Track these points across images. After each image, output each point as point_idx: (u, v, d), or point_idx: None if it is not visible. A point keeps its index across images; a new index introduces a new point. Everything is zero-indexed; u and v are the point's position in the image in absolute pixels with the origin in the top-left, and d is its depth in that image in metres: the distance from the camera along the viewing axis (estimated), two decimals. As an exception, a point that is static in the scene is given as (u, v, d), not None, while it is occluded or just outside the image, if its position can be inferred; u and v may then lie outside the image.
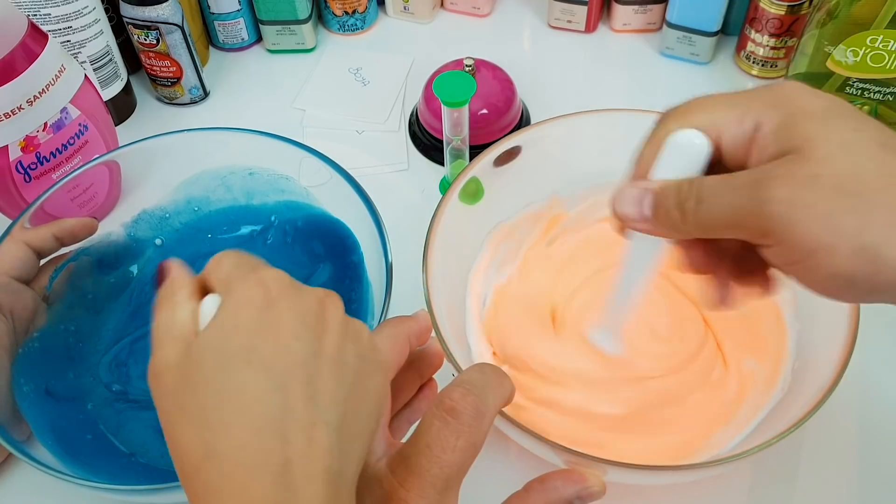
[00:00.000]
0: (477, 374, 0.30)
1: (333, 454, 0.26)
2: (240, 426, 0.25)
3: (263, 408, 0.25)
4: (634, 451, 0.44)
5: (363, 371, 0.28)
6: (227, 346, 0.26)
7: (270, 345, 0.26)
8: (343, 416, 0.27)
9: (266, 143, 0.50)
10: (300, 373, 0.26)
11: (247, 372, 0.25)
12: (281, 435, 0.25)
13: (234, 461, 0.24)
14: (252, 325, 0.26)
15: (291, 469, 0.24)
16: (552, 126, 0.52)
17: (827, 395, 0.39)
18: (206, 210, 0.54)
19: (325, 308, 0.28)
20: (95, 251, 0.51)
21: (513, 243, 0.54)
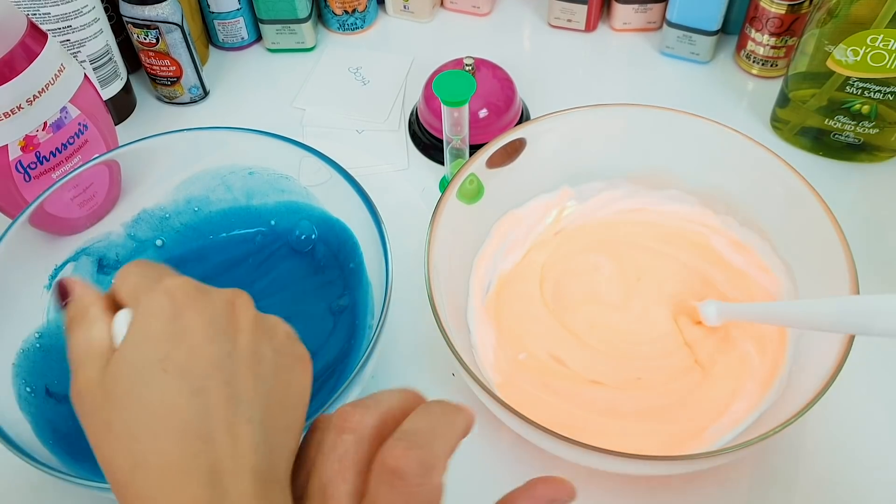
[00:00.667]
0: (422, 420, 0.28)
1: (260, 450, 0.26)
2: (163, 434, 0.25)
3: (184, 413, 0.25)
4: (630, 442, 0.44)
5: (282, 365, 0.29)
6: (142, 358, 0.26)
7: (184, 351, 0.26)
8: (266, 411, 0.27)
9: (266, 142, 0.50)
10: (217, 374, 0.26)
11: (164, 380, 0.26)
12: (205, 437, 0.25)
13: (162, 468, 0.25)
14: (163, 334, 0.26)
15: (219, 469, 0.25)
16: (553, 121, 0.52)
17: (825, 391, 0.39)
18: (207, 210, 0.54)
19: (234, 308, 0.28)
20: (95, 251, 0.51)
21: (521, 231, 0.54)
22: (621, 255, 0.53)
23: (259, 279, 0.52)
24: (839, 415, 0.46)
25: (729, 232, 0.53)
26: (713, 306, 0.48)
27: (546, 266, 0.53)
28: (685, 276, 0.52)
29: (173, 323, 0.27)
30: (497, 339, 0.49)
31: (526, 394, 0.47)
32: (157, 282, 0.28)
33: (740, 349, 0.48)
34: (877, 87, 0.55)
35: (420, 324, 0.51)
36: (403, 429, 0.28)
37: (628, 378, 0.47)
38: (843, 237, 0.45)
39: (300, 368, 0.30)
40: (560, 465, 0.44)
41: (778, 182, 0.49)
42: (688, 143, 0.52)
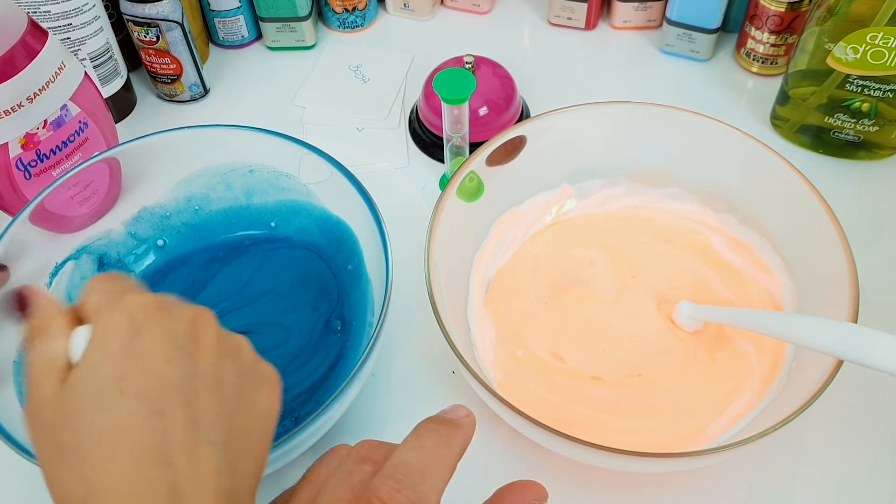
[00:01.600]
0: (413, 454, 0.27)
1: (223, 473, 0.25)
2: (119, 458, 0.24)
3: (141, 436, 0.24)
4: (629, 439, 0.44)
5: (246, 386, 0.28)
6: (97, 378, 0.25)
7: (141, 371, 0.25)
8: (228, 433, 0.26)
9: (266, 140, 0.50)
10: (176, 396, 0.25)
11: (120, 402, 0.25)
12: (163, 460, 0.24)
13: (117, 494, 0.24)
14: (120, 353, 0.25)
15: (180, 492, 0.24)
16: (553, 118, 0.52)
17: (824, 388, 0.39)
18: (207, 210, 0.54)
19: (197, 328, 0.27)
20: (96, 249, 0.51)
21: (520, 229, 0.54)
22: (617, 250, 0.53)
23: (258, 278, 0.52)
24: (839, 412, 0.46)
25: (728, 230, 0.54)
26: (687, 307, 0.48)
27: (541, 260, 0.53)
28: (680, 274, 0.52)
29: (131, 342, 0.26)
30: (497, 336, 0.49)
31: (526, 391, 0.47)
32: (118, 298, 0.27)
33: (739, 347, 0.48)
34: (876, 84, 0.55)
35: (420, 322, 0.51)
36: (393, 463, 0.27)
37: (628, 375, 0.47)
38: (843, 235, 0.45)
39: (266, 390, 0.29)
40: (560, 462, 0.45)
41: (778, 180, 0.49)
42: (688, 140, 0.52)
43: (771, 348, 0.47)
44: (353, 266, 0.50)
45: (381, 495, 0.25)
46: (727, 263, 0.52)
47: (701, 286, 0.51)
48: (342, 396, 0.39)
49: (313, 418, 0.38)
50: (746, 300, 0.50)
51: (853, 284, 0.43)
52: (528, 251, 0.54)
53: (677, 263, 0.52)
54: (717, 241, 0.53)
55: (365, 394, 0.48)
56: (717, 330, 0.49)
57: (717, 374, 0.47)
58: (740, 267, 0.52)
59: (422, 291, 0.44)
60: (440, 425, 0.28)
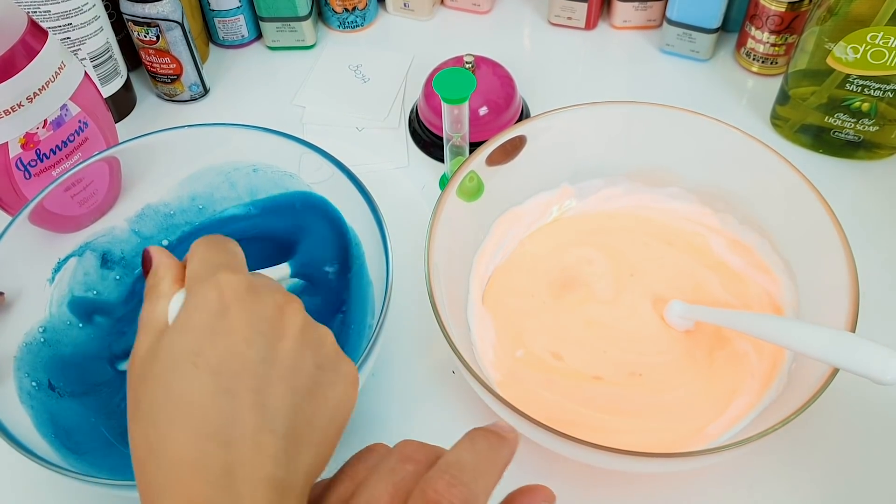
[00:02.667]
0: (467, 454, 0.27)
1: (280, 462, 0.25)
2: (182, 427, 0.25)
3: (206, 411, 0.25)
4: (630, 439, 0.44)
5: (321, 380, 0.28)
6: (176, 347, 0.26)
7: (219, 349, 0.26)
8: (293, 424, 0.26)
9: (267, 139, 0.50)
10: (249, 379, 0.26)
11: (193, 374, 0.25)
12: (224, 439, 0.25)
13: (175, 460, 0.24)
14: (203, 328, 0.26)
15: (234, 473, 0.24)
16: (553, 118, 0.52)
17: (824, 388, 0.39)
18: (211, 207, 0.54)
19: (283, 314, 0.28)
20: (99, 246, 0.51)
21: (520, 229, 0.54)
22: (616, 250, 0.53)
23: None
24: (839, 412, 0.46)
25: (728, 230, 0.53)
26: (678, 306, 0.48)
27: (540, 258, 0.53)
28: (679, 275, 0.52)
29: (216, 320, 0.26)
30: (497, 336, 0.49)
31: (526, 391, 0.47)
32: (213, 273, 0.28)
33: (739, 347, 0.48)
34: (877, 84, 0.55)
35: (420, 321, 0.51)
36: (448, 460, 0.27)
37: (628, 375, 0.47)
38: (843, 234, 0.45)
39: (342, 387, 0.29)
40: (560, 463, 0.45)
41: (778, 179, 0.49)
42: (688, 140, 0.52)
43: (771, 348, 0.47)
44: (354, 266, 0.50)
45: (436, 487, 0.26)
46: (726, 265, 0.52)
47: (699, 287, 0.51)
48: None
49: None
50: (745, 302, 0.50)
51: (853, 284, 0.43)
52: (526, 249, 0.54)
53: (676, 264, 0.52)
54: (716, 241, 0.53)
55: (365, 394, 0.48)
56: (716, 330, 0.49)
57: (716, 374, 0.47)
58: (739, 268, 0.52)
59: (422, 291, 0.44)
60: (490, 434, 0.29)
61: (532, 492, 0.29)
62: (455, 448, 0.28)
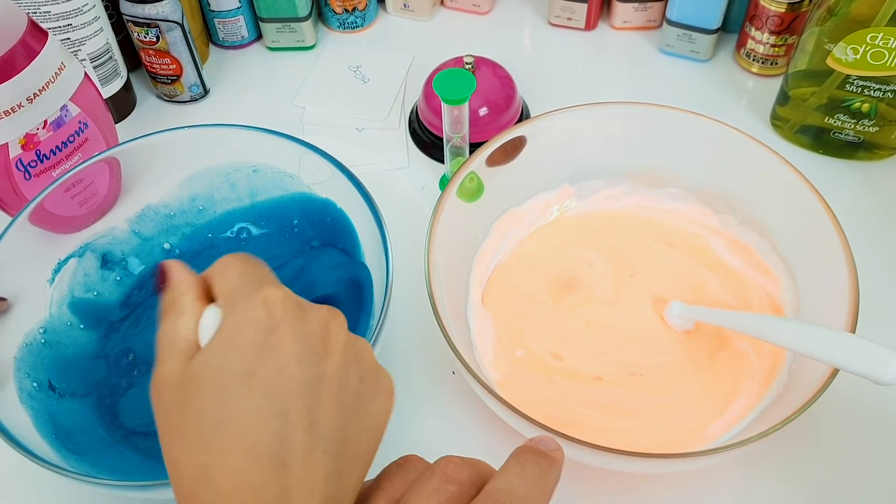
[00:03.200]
0: (518, 482, 0.27)
1: (332, 481, 0.25)
2: (237, 451, 0.24)
3: (262, 434, 0.24)
4: (630, 439, 0.44)
5: (365, 395, 0.28)
6: (227, 368, 0.25)
7: (272, 369, 0.25)
8: (342, 442, 0.26)
9: (267, 139, 0.50)
10: (301, 399, 0.25)
11: (246, 396, 0.25)
12: (279, 462, 0.24)
13: (231, 487, 0.24)
14: (254, 347, 0.25)
15: (289, 496, 0.24)
16: (553, 119, 0.52)
17: (825, 388, 0.39)
18: (212, 208, 0.54)
19: (329, 331, 0.27)
20: (99, 247, 0.51)
21: (520, 229, 0.54)
22: (616, 251, 0.53)
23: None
24: (839, 412, 0.46)
25: (728, 231, 0.53)
26: (678, 307, 0.49)
27: (540, 258, 0.53)
28: (678, 276, 0.52)
29: (267, 337, 0.26)
30: (496, 336, 0.49)
31: (526, 391, 0.47)
32: (257, 288, 0.27)
33: (739, 348, 0.48)
34: (877, 85, 0.55)
35: (420, 322, 0.51)
36: (499, 487, 0.26)
37: (628, 375, 0.47)
38: (843, 235, 0.45)
39: (382, 399, 0.29)
40: (560, 463, 0.45)
41: (778, 180, 0.49)
42: (688, 141, 0.52)
43: (771, 348, 0.47)
44: (355, 265, 0.50)
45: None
46: (726, 265, 0.52)
47: (699, 287, 0.51)
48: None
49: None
50: (745, 302, 0.50)
51: (853, 284, 0.43)
52: (526, 250, 0.54)
53: (676, 264, 0.52)
54: (716, 242, 0.53)
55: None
56: (716, 330, 0.49)
57: (717, 374, 0.47)
58: (739, 269, 0.52)
59: (422, 291, 0.44)
60: (540, 457, 0.28)
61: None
62: (504, 473, 0.27)
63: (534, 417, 0.38)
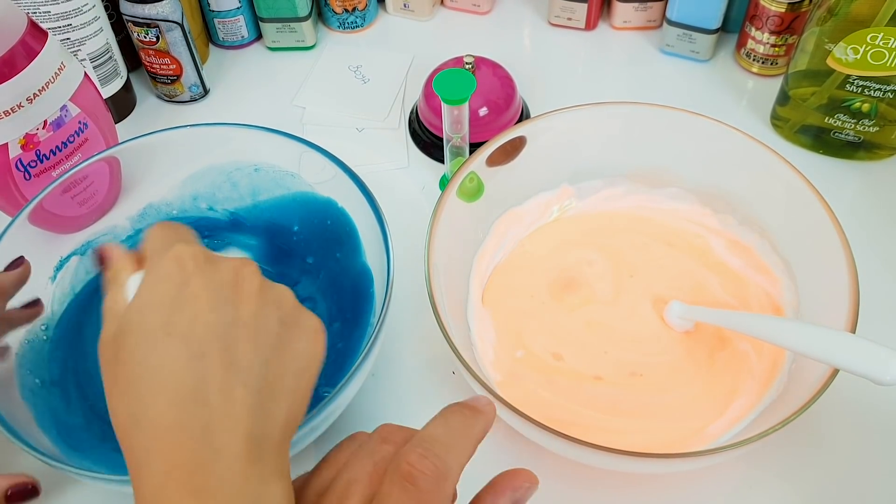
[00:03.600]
0: (440, 429, 0.29)
1: (255, 413, 0.27)
2: (162, 395, 0.26)
3: (182, 376, 0.26)
4: (630, 439, 0.44)
5: (286, 336, 0.30)
6: (147, 322, 0.27)
7: (187, 318, 0.27)
8: (264, 378, 0.28)
9: (269, 138, 0.50)
10: (217, 342, 0.27)
11: (165, 344, 0.27)
12: (201, 400, 0.26)
13: (158, 427, 0.26)
14: (169, 300, 0.28)
15: (212, 429, 0.26)
16: (553, 119, 0.52)
17: (825, 388, 0.39)
18: (213, 208, 0.54)
19: (241, 278, 0.29)
20: (95, 245, 0.51)
21: (520, 229, 0.54)
22: (616, 251, 0.53)
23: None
24: (839, 412, 0.46)
25: (728, 231, 0.53)
26: (678, 307, 0.48)
27: (540, 258, 0.53)
28: (678, 276, 0.52)
29: (181, 290, 0.28)
30: (497, 336, 0.49)
31: (526, 391, 0.47)
32: (169, 246, 0.29)
33: (739, 347, 0.48)
34: (877, 85, 0.55)
35: (420, 322, 0.51)
36: (421, 435, 0.29)
37: (628, 375, 0.47)
38: (843, 235, 0.45)
39: (308, 337, 0.30)
40: (560, 463, 0.45)
41: (778, 180, 0.49)
42: (688, 141, 0.52)
43: (771, 349, 0.47)
44: (358, 265, 0.50)
45: (409, 460, 0.27)
46: (726, 265, 0.52)
47: (699, 288, 0.51)
48: (340, 395, 0.39)
49: (310, 417, 0.38)
50: (745, 302, 0.50)
51: (853, 285, 0.43)
52: (526, 250, 0.54)
53: (676, 265, 0.52)
54: (716, 243, 0.53)
55: (364, 394, 0.48)
56: (716, 330, 0.49)
57: (717, 374, 0.47)
58: (739, 269, 0.52)
59: (422, 291, 0.44)
60: (465, 408, 0.30)
61: (514, 476, 0.31)
62: (429, 424, 0.29)
63: (534, 417, 0.38)
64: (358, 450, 0.30)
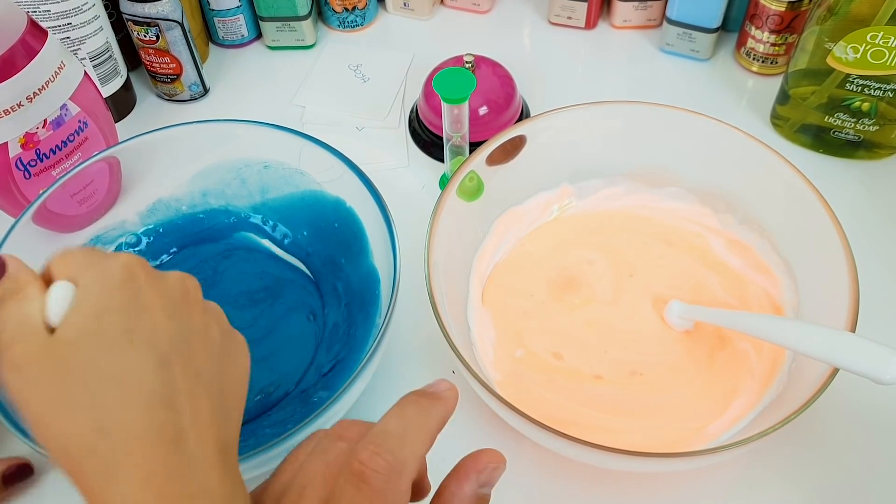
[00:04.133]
0: (394, 422, 0.29)
1: (218, 422, 0.27)
2: (131, 402, 0.26)
3: (152, 383, 0.26)
4: (630, 439, 0.44)
5: (227, 347, 0.30)
6: (106, 329, 0.26)
7: (148, 325, 0.27)
8: (220, 387, 0.28)
9: (273, 135, 0.50)
10: (178, 349, 0.27)
11: (131, 351, 0.26)
12: (170, 406, 0.26)
13: (130, 436, 0.25)
14: (126, 307, 0.27)
15: (185, 437, 0.26)
16: (553, 118, 0.52)
17: (825, 387, 0.39)
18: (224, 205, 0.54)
19: (187, 290, 0.29)
20: (110, 240, 0.51)
21: (521, 229, 0.54)
22: (616, 250, 0.53)
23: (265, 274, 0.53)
24: (839, 412, 0.46)
25: (728, 231, 0.53)
26: (678, 307, 0.49)
27: (540, 258, 0.53)
28: (678, 275, 0.52)
29: (136, 297, 0.27)
30: (497, 336, 0.49)
31: (526, 391, 0.47)
32: (106, 259, 0.28)
33: (739, 347, 0.48)
34: (877, 84, 0.55)
35: (420, 321, 0.51)
36: (374, 430, 0.28)
37: (628, 374, 0.47)
38: (843, 234, 0.45)
39: (241, 353, 0.31)
40: (560, 462, 0.45)
41: (778, 179, 0.49)
42: (688, 140, 0.52)
43: (771, 348, 0.47)
44: (363, 265, 0.50)
45: (361, 458, 0.27)
46: (726, 265, 0.52)
47: (699, 287, 0.51)
48: (346, 394, 0.39)
49: (311, 419, 0.38)
50: (745, 302, 0.50)
51: (853, 284, 0.43)
52: (526, 249, 0.54)
53: (676, 264, 0.52)
54: (716, 241, 0.53)
55: (364, 394, 0.48)
56: (716, 330, 0.49)
57: (716, 374, 0.47)
58: (739, 268, 0.52)
59: (422, 291, 0.44)
60: (421, 397, 0.30)
61: (477, 457, 0.30)
62: (383, 417, 0.29)
63: (534, 417, 0.38)
64: (316, 448, 0.30)
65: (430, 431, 0.29)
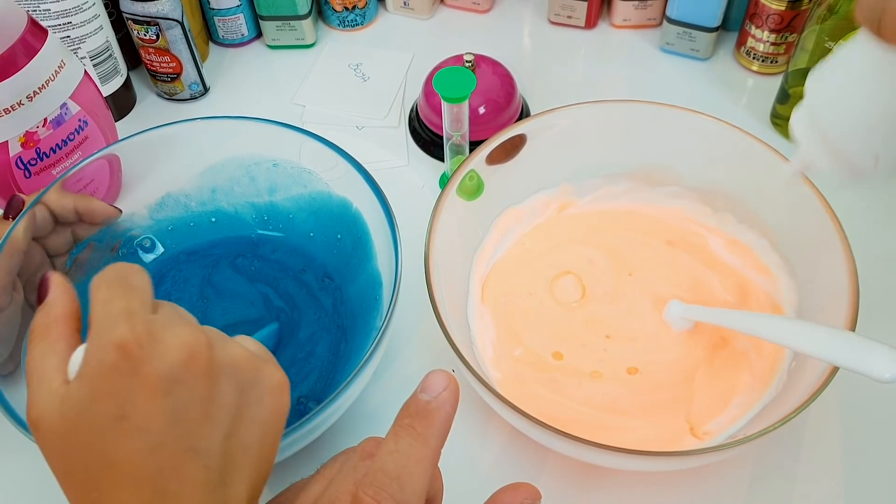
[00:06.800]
0: (390, 459, 0.28)
1: (215, 490, 0.27)
2: (123, 487, 0.26)
3: (143, 470, 0.26)
4: (630, 437, 0.44)
5: (245, 402, 0.29)
6: (98, 414, 0.26)
7: (140, 409, 0.26)
8: (226, 454, 0.28)
9: (274, 131, 0.50)
10: (174, 428, 0.27)
11: (123, 440, 0.26)
12: (160, 490, 0.26)
13: None
14: (118, 391, 0.26)
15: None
16: (553, 117, 0.52)
17: (825, 386, 0.39)
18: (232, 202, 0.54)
19: (192, 355, 0.27)
20: (118, 233, 0.51)
21: (521, 228, 0.54)
22: (616, 249, 0.53)
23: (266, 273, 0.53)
24: (839, 411, 0.46)
25: (727, 230, 0.54)
26: (677, 307, 0.49)
27: (539, 256, 0.53)
28: (678, 274, 0.52)
29: (130, 379, 0.26)
30: (496, 334, 0.49)
31: (526, 389, 0.47)
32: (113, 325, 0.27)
33: (738, 346, 0.48)
34: (877, 83, 0.55)
35: (420, 320, 0.51)
36: (374, 469, 0.28)
37: (627, 373, 0.47)
38: (843, 234, 0.45)
39: (269, 400, 0.29)
40: (559, 461, 0.45)
41: (777, 178, 0.49)
42: (687, 139, 0.52)
43: (771, 348, 0.47)
44: (366, 265, 0.50)
45: (364, 501, 0.27)
46: (726, 264, 0.52)
47: (698, 286, 0.51)
48: (343, 395, 0.39)
49: (310, 417, 0.38)
50: (744, 301, 0.50)
51: (853, 284, 0.43)
52: (526, 248, 0.54)
53: (676, 263, 0.52)
54: (715, 241, 0.53)
55: (365, 393, 0.48)
56: (716, 329, 0.49)
57: (716, 372, 0.47)
58: (739, 268, 0.52)
59: (422, 291, 0.44)
60: (416, 420, 0.29)
61: (516, 488, 0.30)
62: (380, 452, 0.29)
63: (533, 415, 0.39)
64: (344, 465, 0.30)
65: (430, 462, 0.29)
